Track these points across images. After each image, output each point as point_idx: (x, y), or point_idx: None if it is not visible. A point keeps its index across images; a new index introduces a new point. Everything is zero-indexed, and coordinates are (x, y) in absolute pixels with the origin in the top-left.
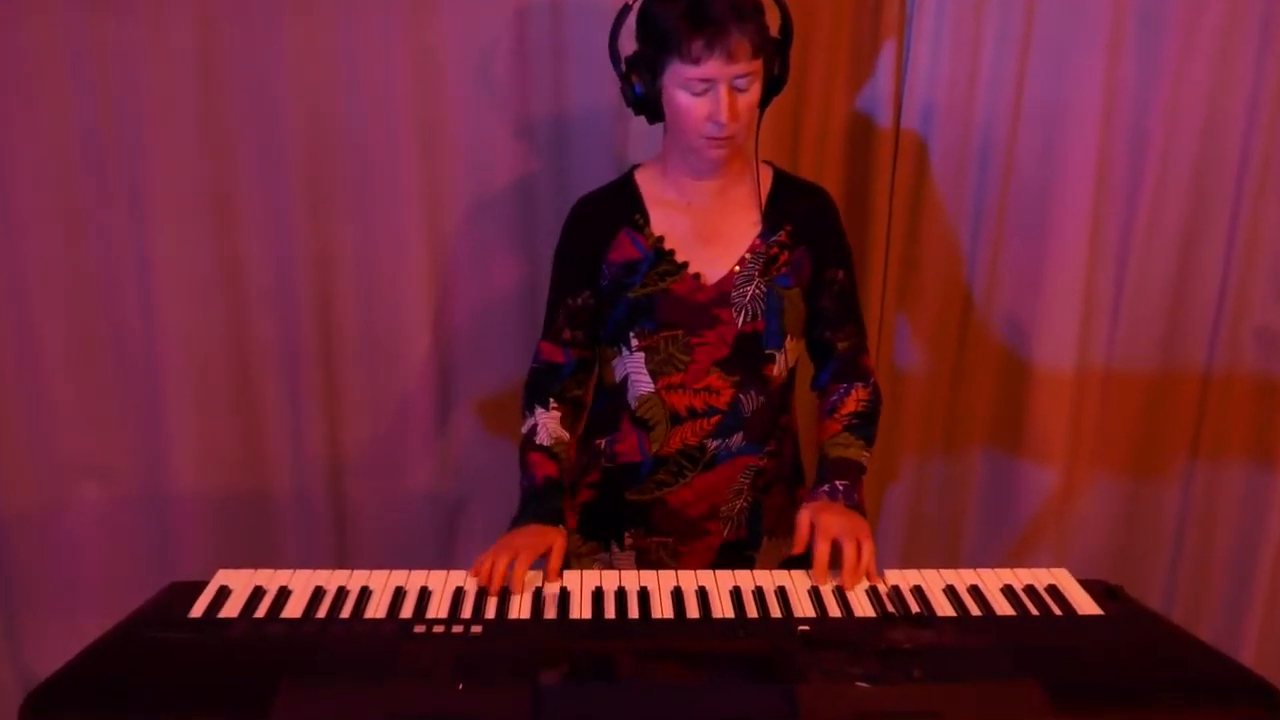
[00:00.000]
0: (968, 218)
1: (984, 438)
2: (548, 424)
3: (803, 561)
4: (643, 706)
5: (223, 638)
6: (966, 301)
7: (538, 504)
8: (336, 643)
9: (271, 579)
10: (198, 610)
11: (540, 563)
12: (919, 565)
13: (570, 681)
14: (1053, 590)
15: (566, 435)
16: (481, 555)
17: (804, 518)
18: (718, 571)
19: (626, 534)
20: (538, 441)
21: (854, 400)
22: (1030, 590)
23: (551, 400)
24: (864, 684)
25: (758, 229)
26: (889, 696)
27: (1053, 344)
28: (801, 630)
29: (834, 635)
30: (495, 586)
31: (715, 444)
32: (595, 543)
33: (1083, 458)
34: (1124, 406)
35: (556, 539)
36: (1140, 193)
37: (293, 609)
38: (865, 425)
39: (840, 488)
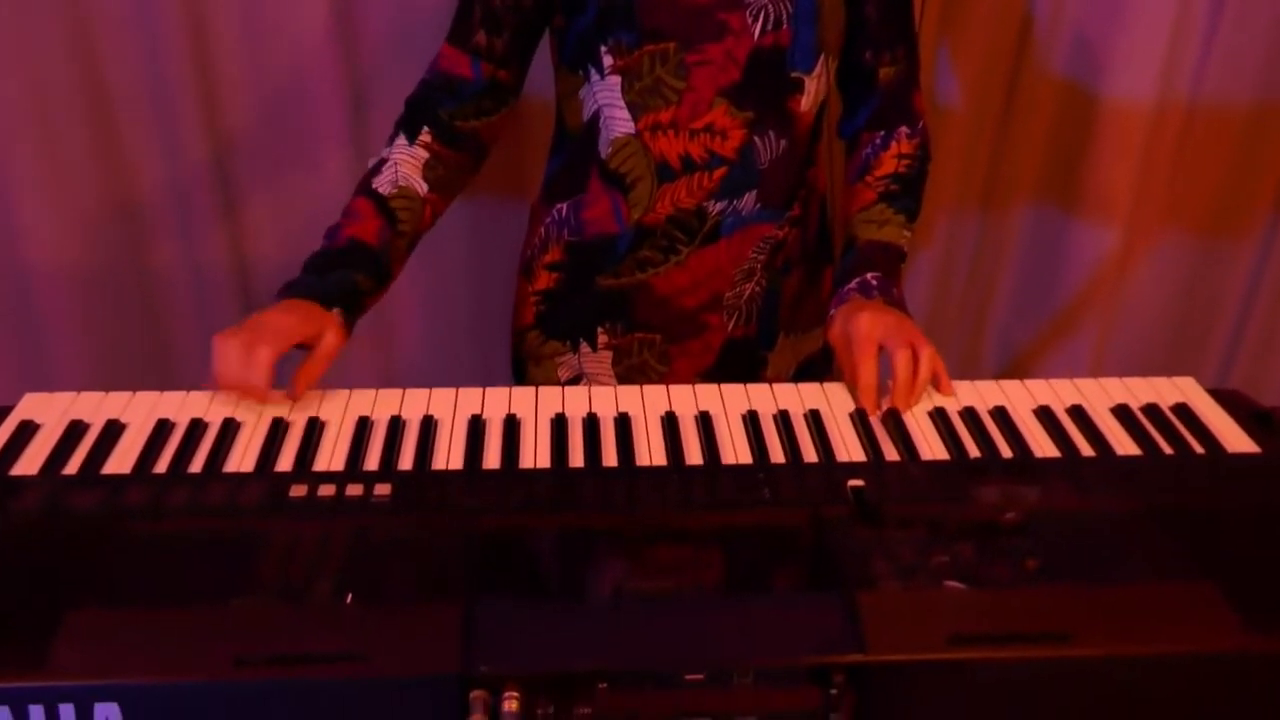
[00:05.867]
0: None
1: (1032, 191)
2: (402, 163)
3: (825, 361)
4: (625, 637)
5: (9, 516)
6: (1026, 17)
7: (318, 275)
8: (171, 522)
9: (98, 407)
10: None
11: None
12: (940, 342)
13: (514, 590)
14: (1183, 412)
15: (423, 189)
16: (218, 335)
17: (836, 330)
18: (724, 387)
19: (600, 329)
20: (372, 185)
21: (892, 157)
22: (1152, 412)
23: (427, 129)
24: (956, 584)
25: None
26: (994, 607)
27: (1129, 74)
28: (853, 488)
29: (900, 499)
30: (226, 383)
31: (719, 207)
32: (559, 341)
33: (1148, 214)
34: (1205, 152)
35: (327, 327)
36: None
37: (120, 460)
38: (906, 193)
39: (874, 282)
